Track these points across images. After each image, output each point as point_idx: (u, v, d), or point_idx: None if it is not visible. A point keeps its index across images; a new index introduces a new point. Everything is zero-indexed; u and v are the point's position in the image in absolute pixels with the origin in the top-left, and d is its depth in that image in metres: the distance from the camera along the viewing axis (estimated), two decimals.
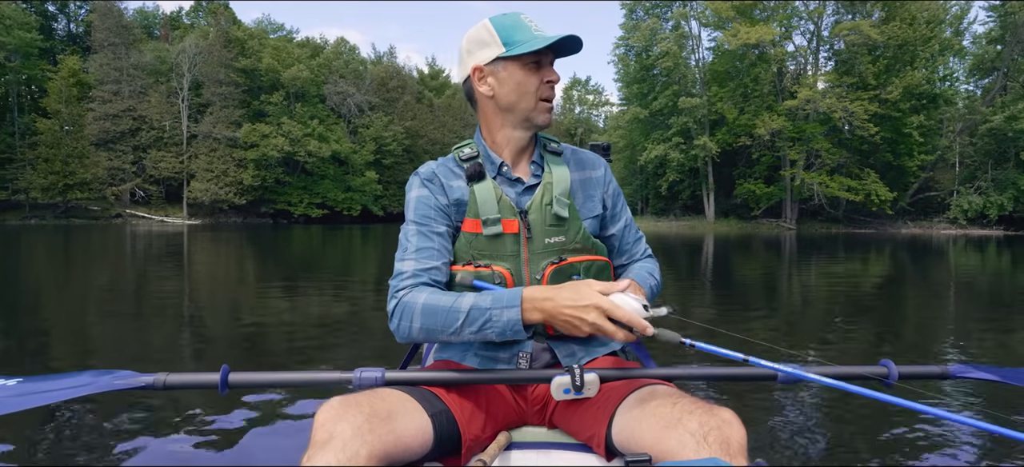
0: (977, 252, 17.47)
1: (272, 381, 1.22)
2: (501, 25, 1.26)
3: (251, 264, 12.02)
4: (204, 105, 42.71)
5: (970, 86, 40.64)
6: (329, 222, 43.00)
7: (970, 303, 7.40)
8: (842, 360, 4.15)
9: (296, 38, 51.74)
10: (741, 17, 37.49)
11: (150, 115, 41.19)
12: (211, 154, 41.35)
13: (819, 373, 1.10)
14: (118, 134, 40.41)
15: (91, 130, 39.46)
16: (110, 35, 40.94)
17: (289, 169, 44.28)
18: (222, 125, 41.47)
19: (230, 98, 42.30)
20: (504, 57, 1.24)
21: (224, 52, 42.04)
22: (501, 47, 1.24)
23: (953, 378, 1.27)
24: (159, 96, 41.84)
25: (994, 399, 3.16)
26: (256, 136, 41.62)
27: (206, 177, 40.85)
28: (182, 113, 42.41)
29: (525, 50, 1.21)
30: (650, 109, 41.22)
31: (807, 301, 7.49)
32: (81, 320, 5.52)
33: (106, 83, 40.60)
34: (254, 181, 41.94)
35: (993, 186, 34.14)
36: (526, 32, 1.24)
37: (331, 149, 43.71)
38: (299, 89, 44.33)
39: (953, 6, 38.01)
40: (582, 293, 1.03)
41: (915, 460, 2.39)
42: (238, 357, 4.06)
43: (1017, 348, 4.71)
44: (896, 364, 1.21)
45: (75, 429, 2.63)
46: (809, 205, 37.57)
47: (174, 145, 42.07)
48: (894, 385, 1.20)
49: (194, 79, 42.45)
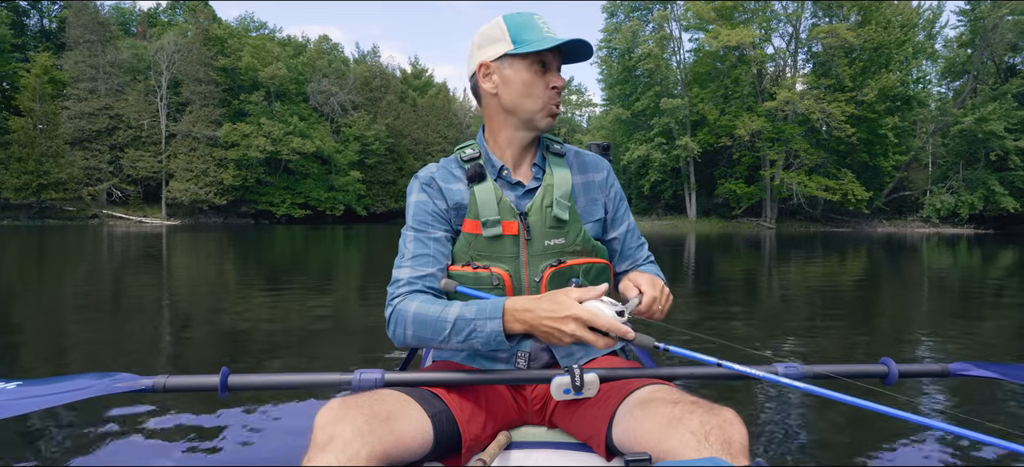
0: (949, 250, 17.93)
1: (272, 383, 1.21)
2: (513, 22, 1.24)
3: (241, 265, 11.91)
4: (183, 104, 42.07)
5: (942, 89, 41.86)
6: (312, 222, 42.61)
7: (945, 300, 7.63)
8: (824, 356, 4.21)
9: (278, 36, 51.20)
10: (722, 19, 38.02)
11: (127, 114, 40.46)
12: (190, 154, 40.76)
13: (819, 372, 1.11)
14: (94, 133, 39.65)
15: (66, 129, 38.63)
16: (86, 32, 40.14)
17: (271, 169, 43.81)
18: (202, 124, 40.90)
19: (210, 97, 41.73)
20: (511, 54, 1.22)
21: (204, 50, 41.47)
22: (510, 44, 1.23)
23: (952, 376, 1.27)
24: (137, 94, 41.12)
25: (994, 397, 3.16)
26: (237, 135, 41.12)
27: (185, 177, 40.26)
28: (160, 112, 41.74)
29: (532, 49, 1.20)
30: (632, 110, 41.61)
31: (787, 299, 7.65)
32: (60, 322, 5.47)
33: (81, 81, 39.81)
34: (235, 181, 41.43)
35: (964, 186, 35.06)
36: (536, 32, 1.22)
37: (314, 146, 43.28)
38: (279, 87, 43.87)
39: (925, 10, 39.05)
40: (560, 303, 1.02)
41: (915, 459, 2.39)
42: (236, 360, 4.05)
43: (992, 341, 4.89)
44: (896, 363, 1.21)
45: (75, 431, 2.63)
46: (788, 204, 38.24)
47: (152, 144, 41.39)
48: (894, 383, 1.20)
49: (173, 77, 41.79)
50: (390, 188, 49.72)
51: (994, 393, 3.23)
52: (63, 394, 1.14)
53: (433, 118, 53.33)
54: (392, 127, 48.98)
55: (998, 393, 3.23)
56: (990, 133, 32.78)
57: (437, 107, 54.87)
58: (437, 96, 57.54)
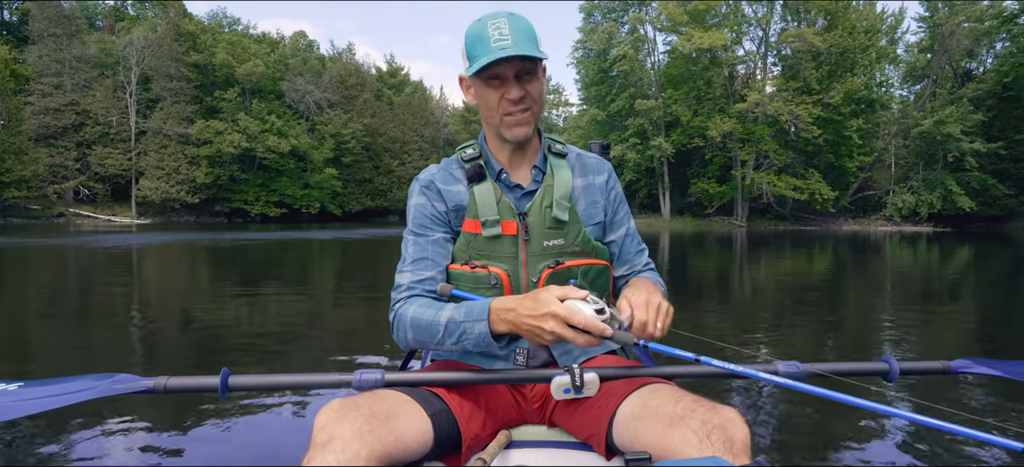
0: (910, 247, 18.74)
1: (272, 384, 1.21)
2: (469, 37, 1.19)
3: (226, 266, 11.82)
4: (153, 100, 41.09)
5: (903, 92, 43.45)
6: (288, 221, 42.04)
7: (908, 296, 8.02)
8: (814, 354, 4.32)
9: (253, 32, 50.37)
10: (694, 23, 38.81)
11: (95, 110, 39.33)
12: (161, 151, 39.86)
13: (819, 370, 1.13)
14: (60, 129, 38.45)
15: (30, 125, 37.39)
16: (50, 25, 38.85)
17: (245, 166, 43.09)
18: (173, 121, 40.03)
19: (181, 93, 40.85)
20: (470, 73, 1.20)
21: (175, 46, 40.57)
22: (466, 62, 1.21)
23: (954, 374, 1.25)
24: (105, 90, 39.98)
25: (997, 393, 3.19)
26: (210, 133, 40.35)
27: (156, 175, 39.37)
28: (130, 108, 40.69)
29: (475, 68, 1.16)
30: (608, 111, 42.14)
31: (758, 295, 7.97)
32: (44, 324, 5.44)
33: (46, 76, 38.54)
34: (207, 179, 40.64)
35: (924, 186, 36.36)
36: (484, 45, 1.15)
37: (290, 144, 42.72)
38: (255, 85, 43.20)
39: (888, 16, 40.49)
40: (541, 301, 1.02)
41: (916, 458, 2.40)
42: (235, 360, 4.02)
43: (948, 336, 5.23)
44: (897, 360, 1.21)
45: (76, 432, 2.63)
46: (759, 203, 39.21)
47: (122, 142, 40.30)
48: (895, 380, 1.22)
49: (143, 73, 40.79)
50: (366, 186, 49.38)
51: (996, 390, 3.24)
52: (64, 395, 1.14)
53: (409, 117, 53.10)
54: (369, 126, 48.64)
55: (1000, 390, 3.23)
56: (948, 135, 34.06)
57: (413, 106, 54.63)
58: (413, 94, 57.29)
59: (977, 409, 3.01)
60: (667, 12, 39.81)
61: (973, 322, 5.88)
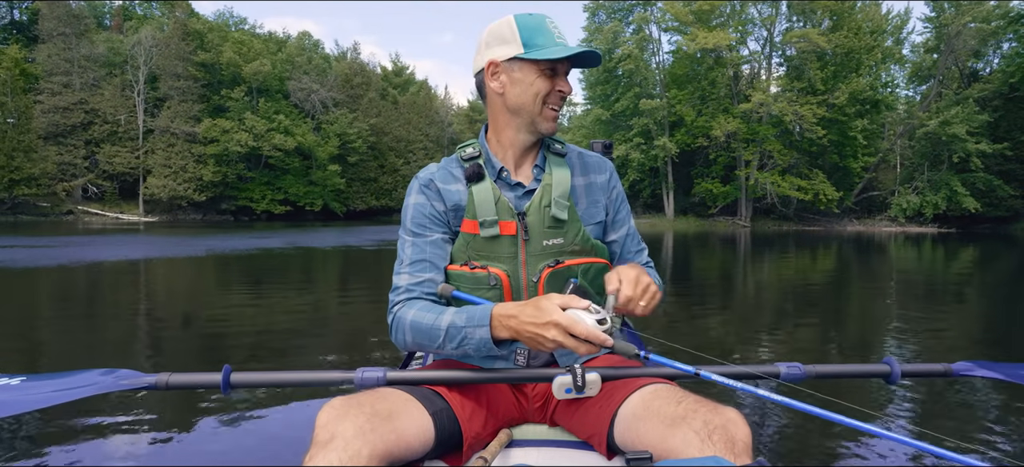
0: (914, 248, 18.80)
1: (274, 381, 1.21)
2: (524, 25, 1.23)
3: (232, 265, 11.95)
4: (161, 99, 41.35)
5: (909, 92, 43.31)
6: (292, 219, 42.26)
7: (911, 298, 8.07)
8: (816, 354, 4.33)
9: (259, 32, 50.60)
10: (699, 22, 38.83)
11: (103, 108, 39.59)
12: (169, 149, 40.10)
13: (822, 372, 1.13)
14: (69, 128, 38.72)
15: (39, 123, 37.73)
16: (59, 24, 39.13)
17: (251, 165, 43.33)
18: (180, 120, 40.25)
19: (189, 92, 41.07)
20: (521, 58, 1.22)
21: (182, 45, 40.80)
22: (520, 47, 1.21)
23: (956, 376, 1.24)
24: (113, 89, 40.25)
25: (998, 395, 3.17)
26: (217, 131, 40.58)
27: (164, 173, 39.61)
28: (138, 107, 40.97)
29: (544, 56, 1.19)
30: (612, 111, 42.18)
31: (761, 295, 8.04)
32: (39, 322, 5.47)
33: (55, 74, 38.82)
34: (214, 177, 40.85)
35: (929, 187, 36.26)
36: (548, 37, 1.22)
37: (296, 141, 42.85)
38: (262, 84, 43.41)
39: (894, 17, 40.39)
40: (543, 309, 1.02)
41: (915, 457, 2.42)
42: (237, 358, 4.03)
43: (950, 338, 5.30)
44: (899, 362, 1.21)
45: (78, 427, 2.63)
46: (762, 203, 39.20)
47: (129, 140, 40.58)
48: (897, 382, 1.21)
49: (150, 72, 41.06)
50: (371, 185, 49.56)
51: (997, 393, 3.23)
52: (67, 390, 1.14)
53: (415, 116, 53.24)
54: (374, 126, 48.81)
55: (1002, 393, 3.22)
56: (953, 136, 33.97)
57: (418, 105, 54.75)
58: (418, 94, 57.41)
59: (977, 412, 2.99)
60: (672, 12, 39.85)
61: (976, 324, 5.92)
